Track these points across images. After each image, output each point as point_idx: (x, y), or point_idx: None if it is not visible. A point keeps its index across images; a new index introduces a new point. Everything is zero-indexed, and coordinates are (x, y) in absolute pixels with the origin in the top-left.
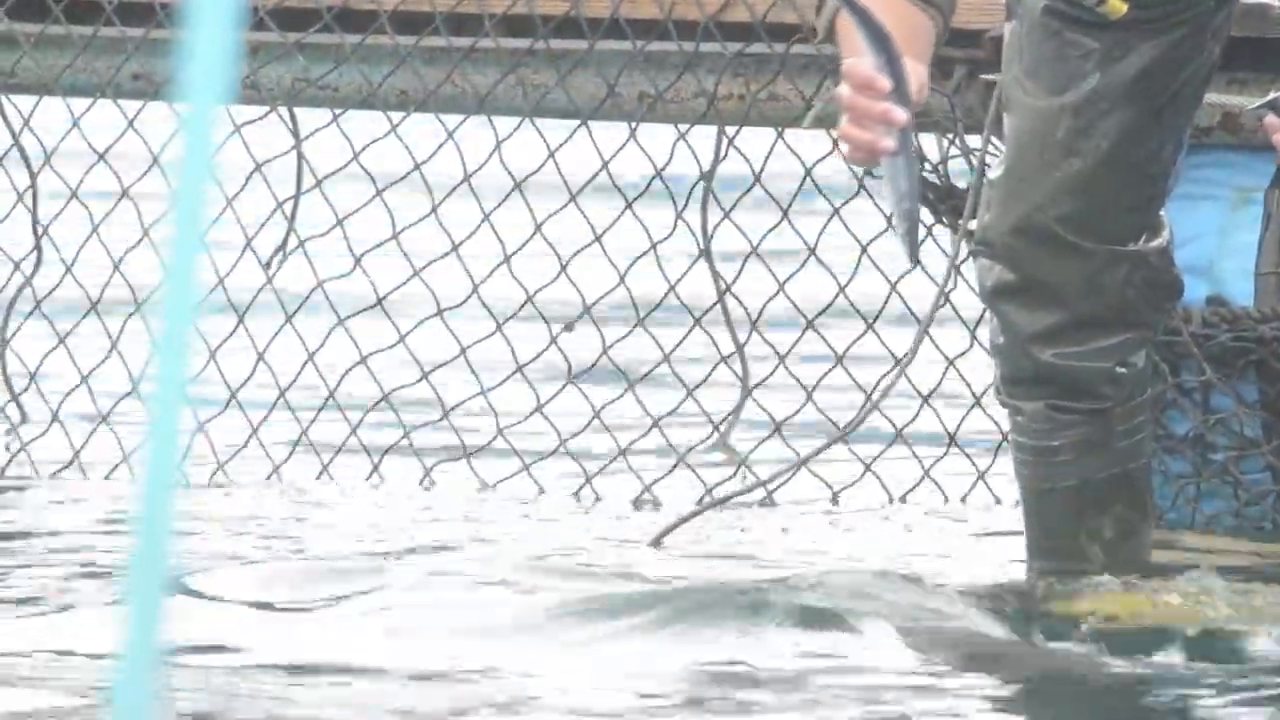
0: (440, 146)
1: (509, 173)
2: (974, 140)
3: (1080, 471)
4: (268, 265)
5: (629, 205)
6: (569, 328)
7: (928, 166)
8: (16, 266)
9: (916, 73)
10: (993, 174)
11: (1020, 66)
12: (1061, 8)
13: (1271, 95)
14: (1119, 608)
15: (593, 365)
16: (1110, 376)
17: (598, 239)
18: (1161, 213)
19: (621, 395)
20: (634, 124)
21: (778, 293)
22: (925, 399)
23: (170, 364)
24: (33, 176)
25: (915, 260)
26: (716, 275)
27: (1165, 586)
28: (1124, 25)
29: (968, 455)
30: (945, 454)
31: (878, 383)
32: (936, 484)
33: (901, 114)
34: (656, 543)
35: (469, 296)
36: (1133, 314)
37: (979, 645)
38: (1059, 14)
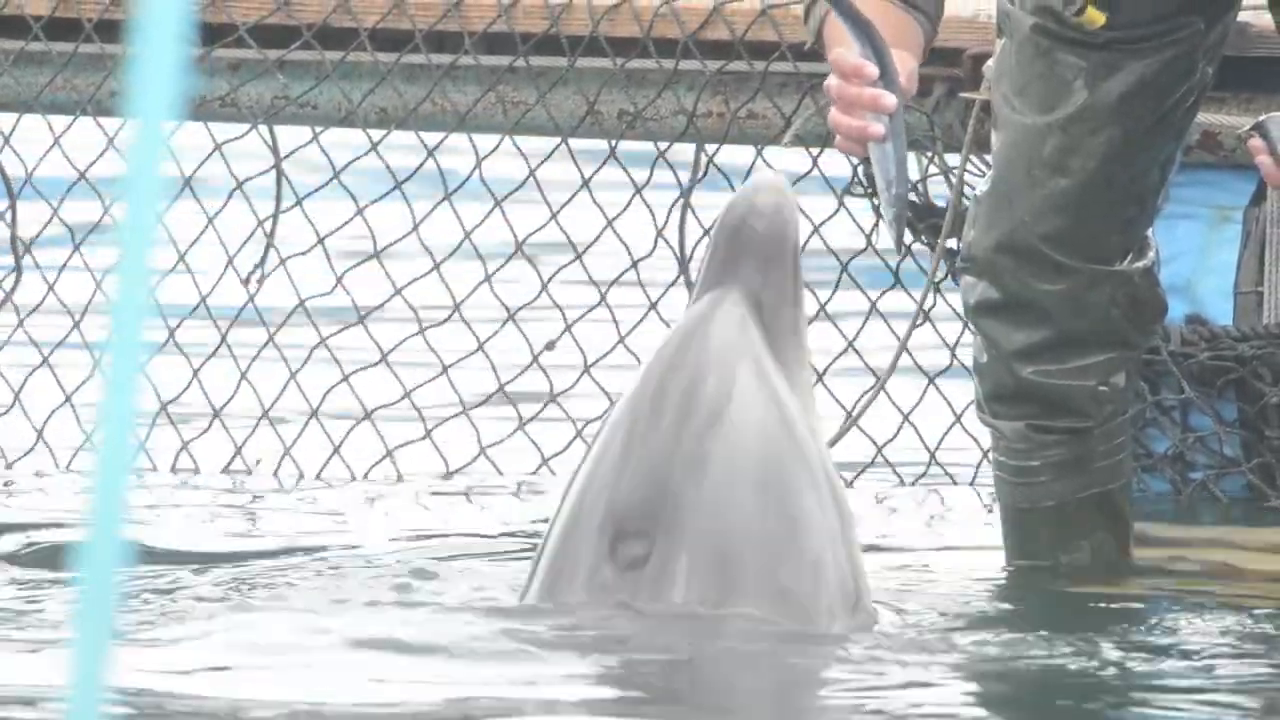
0: (421, 164)
1: (489, 190)
2: (952, 159)
3: (1059, 492)
4: (247, 282)
5: (609, 223)
6: (551, 346)
7: (917, 198)
8: None
9: (904, 62)
10: (979, 190)
11: (1009, 84)
12: (1050, 26)
13: (1261, 117)
14: None
15: (573, 384)
16: (1091, 395)
17: (578, 257)
18: (1148, 233)
19: (604, 414)
20: (613, 142)
21: None
22: (906, 416)
23: (121, 387)
24: (12, 194)
25: (901, 246)
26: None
27: None
28: (1112, 44)
29: (948, 473)
30: (925, 471)
31: (857, 400)
32: (916, 500)
33: (890, 99)
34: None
35: (450, 315)
36: (1115, 333)
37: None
38: (1048, 32)
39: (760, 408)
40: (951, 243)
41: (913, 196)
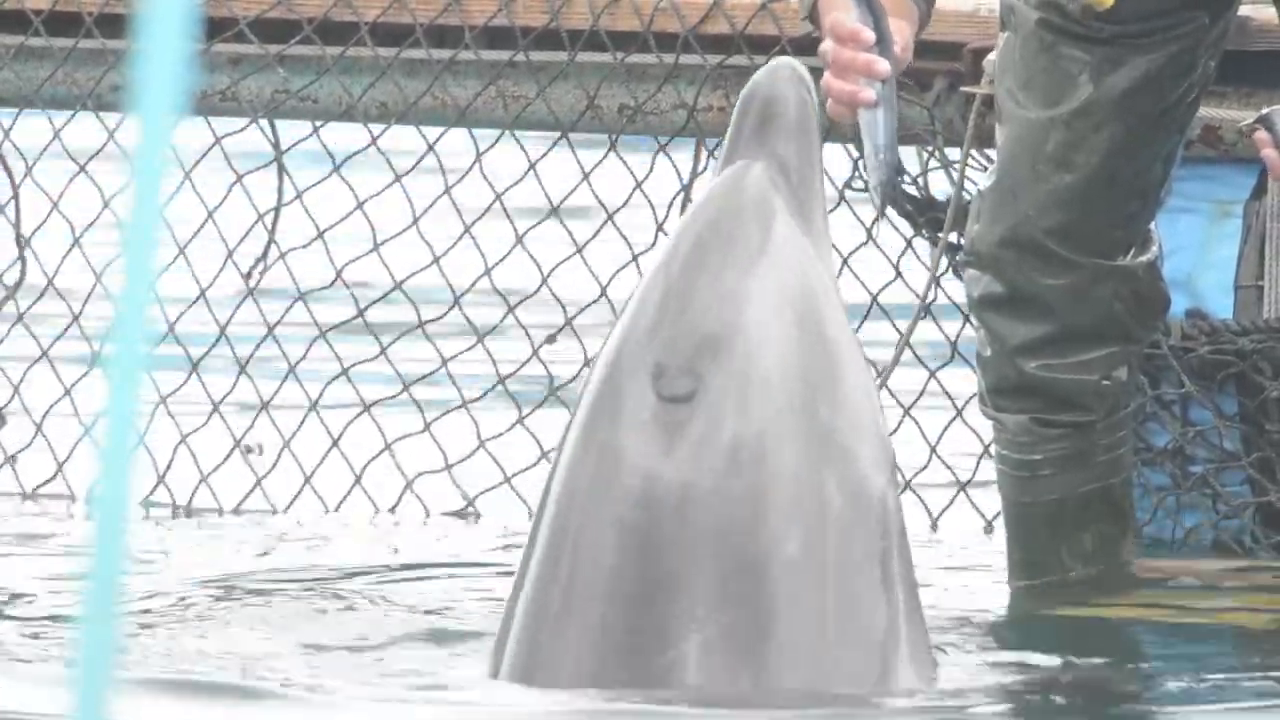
0: (421, 158)
1: (490, 185)
2: (953, 153)
3: (1062, 486)
4: (248, 276)
5: (610, 217)
6: (551, 340)
7: (906, 179)
8: None
9: (900, 31)
10: (983, 184)
11: (1013, 78)
12: (1055, 20)
13: (1265, 110)
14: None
15: (574, 378)
16: (1094, 389)
17: (579, 251)
18: (1151, 227)
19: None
20: (614, 136)
21: None
22: (907, 410)
23: (123, 379)
24: (15, 188)
25: (883, 212)
26: None
27: None
28: (1116, 39)
29: (949, 467)
30: (927, 465)
31: None
32: (918, 496)
33: (884, 65)
34: None
35: (450, 309)
36: (1118, 328)
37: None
38: (1052, 27)
39: (796, 250)
40: (952, 237)
41: (914, 191)
